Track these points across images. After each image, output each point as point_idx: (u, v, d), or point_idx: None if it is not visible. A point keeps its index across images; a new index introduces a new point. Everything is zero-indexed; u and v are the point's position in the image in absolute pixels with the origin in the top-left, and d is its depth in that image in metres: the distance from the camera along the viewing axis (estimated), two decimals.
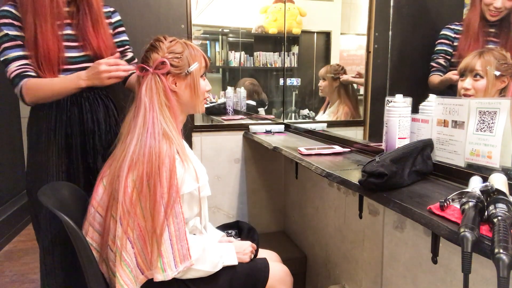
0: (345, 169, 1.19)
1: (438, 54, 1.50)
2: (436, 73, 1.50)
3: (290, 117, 2.45)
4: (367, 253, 1.36)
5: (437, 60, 1.49)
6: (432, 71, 1.51)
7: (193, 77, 1.12)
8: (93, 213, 1.07)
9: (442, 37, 1.50)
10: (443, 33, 1.50)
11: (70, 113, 1.34)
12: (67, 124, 1.34)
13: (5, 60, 1.26)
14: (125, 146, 1.04)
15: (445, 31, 1.49)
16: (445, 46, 1.48)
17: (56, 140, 1.33)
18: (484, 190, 0.73)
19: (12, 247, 2.62)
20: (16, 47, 1.26)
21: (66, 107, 1.33)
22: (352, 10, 2.35)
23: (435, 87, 1.49)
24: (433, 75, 1.50)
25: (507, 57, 1.20)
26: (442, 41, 1.49)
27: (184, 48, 1.12)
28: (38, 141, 1.33)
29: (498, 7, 1.29)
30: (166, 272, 0.97)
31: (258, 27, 2.72)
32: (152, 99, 1.06)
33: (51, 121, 1.33)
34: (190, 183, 1.06)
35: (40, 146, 1.33)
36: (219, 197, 2.15)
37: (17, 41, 1.26)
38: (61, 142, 1.33)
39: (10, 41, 1.25)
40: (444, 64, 1.48)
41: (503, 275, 0.53)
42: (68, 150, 1.35)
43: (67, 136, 1.34)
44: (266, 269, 1.16)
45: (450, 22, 1.49)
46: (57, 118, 1.33)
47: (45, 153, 1.32)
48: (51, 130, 1.33)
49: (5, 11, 1.25)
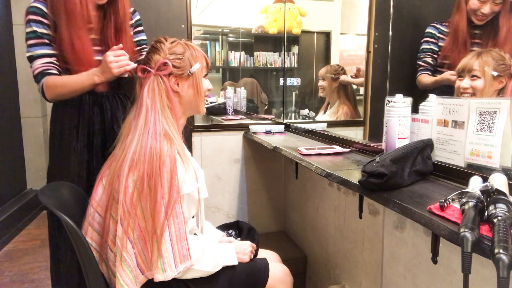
0: (345, 169, 1.19)
1: (425, 53, 1.49)
2: (424, 72, 1.50)
3: (290, 117, 2.45)
4: (367, 253, 1.36)
5: (425, 59, 1.49)
6: (420, 70, 1.50)
7: (196, 77, 1.13)
8: (92, 213, 1.07)
9: (428, 35, 1.49)
10: (429, 31, 1.49)
11: (92, 112, 1.38)
12: (89, 123, 1.38)
13: (30, 56, 1.29)
14: (125, 146, 1.04)
15: (430, 29, 1.49)
16: (432, 45, 1.48)
17: (79, 137, 1.37)
18: (484, 190, 0.73)
19: (12, 247, 2.62)
20: (41, 44, 1.28)
21: (88, 106, 1.37)
22: (352, 10, 2.35)
23: (426, 86, 1.48)
24: (422, 75, 1.50)
25: (505, 58, 1.21)
26: (428, 39, 1.49)
27: (185, 49, 1.12)
28: (61, 138, 1.37)
29: (486, 13, 1.31)
30: (166, 272, 0.97)
31: (258, 27, 2.72)
32: (154, 100, 1.07)
33: (74, 119, 1.37)
34: (190, 183, 1.06)
35: (64, 143, 1.36)
36: (219, 197, 2.15)
37: (43, 39, 1.28)
38: (83, 139, 1.37)
39: (36, 38, 1.28)
40: (432, 63, 1.48)
41: (503, 275, 0.53)
42: (89, 147, 1.38)
43: (89, 134, 1.38)
44: (266, 269, 1.16)
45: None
46: (80, 116, 1.37)
47: (68, 150, 1.36)
48: (74, 127, 1.37)
49: (35, 7, 1.27)
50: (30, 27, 1.27)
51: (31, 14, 1.27)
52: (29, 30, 1.27)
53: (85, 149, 1.37)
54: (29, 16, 1.27)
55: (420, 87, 1.50)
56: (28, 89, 3.36)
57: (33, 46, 1.28)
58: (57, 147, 1.38)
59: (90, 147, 1.38)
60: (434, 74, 1.48)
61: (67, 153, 1.36)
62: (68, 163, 1.36)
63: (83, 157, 1.37)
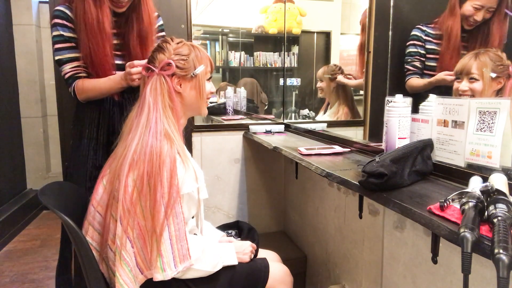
0: (345, 169, 1.19)
1: (413, 57, 1.48)
2: (413, 76, 1.49)
3: (290, 117, 2.45)
4: (367, 253, 1.36)
5: (413, 63, 1.48)
6: (409, 75, 1.49)
7: (199, 79, 1.13)
8: (93, 212, 1.08)
9: (414, 38, 1.48)
10: (415, 34, 1.48)
11: (112, 112, 1.42)
12: (109, 124, 1.41)
13: (59, 60, 1.33)
14: (126, 145, 1.04)
15: (416, 32, 1.48)
16: (419, 48, 1.47)
17: (98, 136, 1.41)
18: (484, 190, 0.73)
19: (12, 247, 2.62)
20: (69, 48, 1.32)
21: (109, 107, 1.41)
22: (352, 10, 2.35)
23: (417, 90, 1.47)
24: (412, 78, 1.49)
25: (503, 58, 1.21)
26: (415, 42, 1.48)
27: (190, 50, 1.12)
28: (81, 137, 1.41)
29: (478, 20, 1.32)
30: (166, 272, 0.97)
31: (258, 27, 2.72)
32: (156, 99, 1.07)
33: (94, 119, 1.40)
34: (190, 183, 1.06)
35: (83, 141, 1.40)
36: (219, 197, 2.15)
37: (71, 42, 1.31)
38: (102, 139, 1.41)
39: (64, 42, 1.31)
40: (420, 67, 1.48)
41: (503, 275, 0.53)
42: (108, 146, 1.41)
43: (109, 134, 1.41)
44: (266, 269, 1.16)
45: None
46: (101, 117, 1.41)
47: (87, 149, 1.40)
48: (94, 127, 1.41)
49: (60, 11, 1.30)
50: (56, 30, 1.30)
51: (56, 18, 1.30)
52: (56, 34, 1.30)
53: (104, 149, 1.41)
54: (55, 20, 1.30)
55: (411, 91, 1.49)
56: (28, 89, 3.37)
57: (61, 50, 1.31)
58: (76, 146, 1.41)
59: (110, 146, 1.39)
60: (422, 77, 1.48)
61: (85, 153, 1.39)
62: (86, 162, 1.39)
63: (101, 157, 1.40)
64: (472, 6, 1.31)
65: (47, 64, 3.51)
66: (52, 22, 1.31)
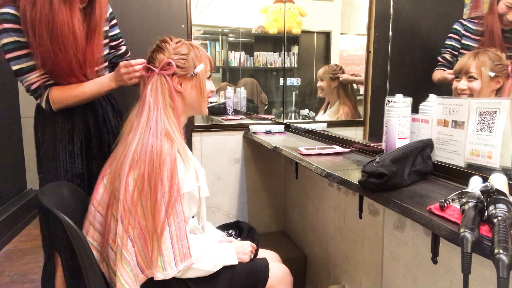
0: (345, 169, 1.19)
1: (446, 49, 1.48)
2: (441, 68, 1.49)
3: (290, 117, 2.45)
4: (367, 253, 1.36)
5: (444, 55, 1.48)
6: (438, 65, 1.49)
7: (199, 78, 1.13)
8: (93, 212, 1.08)
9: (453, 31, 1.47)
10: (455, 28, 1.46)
11: (86, 114, 1.35)
12: (84, 126, 1.35)
13: (20, 70, 1.18)
14: (126, 145, 1.04)
15: (456, 26, 1.46)
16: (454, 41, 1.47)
17: (75, 143, 1.33)
18: (484, 190, 0.73)
19: (12, 247, 2.62)
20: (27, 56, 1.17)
21: (81, 108, 1.33)
22: (352, 10, 2.35)
23: (435, 82, 1.48)
24: (437, 70, 1.49)
25: (502, 58, 1.21)
26: (452, 35, 1.46)
27: (189, 50, 1.12)
28: (55, 144, 1.32)
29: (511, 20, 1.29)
30: (167, 271, 0.97)
31: (258, 27, 2.72)
32: (157, 99, 1.07)
33: (68, 122, 1.32)
34: (190, 182, 1.06)
35: (58, 150, 1.32)
36: (219, 197, 2.15)
37: (26, 49, 1.16)
38: (78, 143, 1.34)
39: (21, 49, 1.15)
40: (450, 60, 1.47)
41: (503, 275, 0.53)
42: (87, 150, 1.36)
43: (85, 136, 1.35)
44: (266, 269, 1.17)
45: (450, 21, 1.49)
46: (74, 119, 1.33)
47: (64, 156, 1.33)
48: (68, 132, 1.32)
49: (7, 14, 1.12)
50: (10, 36, 1.12)
51: (5, 22, 1.11)
52: (9, 41, 1.13)
53: (82, 153, 1.35)
54: (4, 24, 1.11)
55: (433, 82, 1.49)
56: None
57: (20, 58, 1.16)
58: (51, 155, 1.33)
59: (88, 150, 1.36)
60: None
61: (63, 161, 1.32)
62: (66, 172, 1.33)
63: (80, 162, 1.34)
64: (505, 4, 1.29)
65: None
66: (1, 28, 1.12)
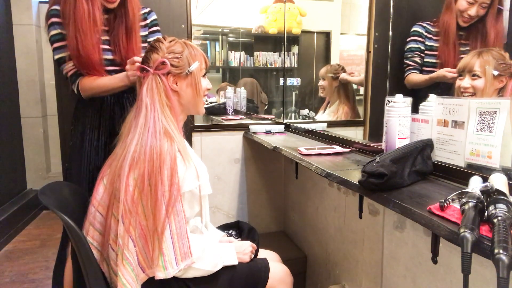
0: (345, 169, 1.19)
1: (413, 52, 1.50)
2: (413, 71, 1.51)
3: (290, 117, 2.45)
4: (367, 253, 1.36)
5: (413, 58, 1.50)
6: (408, 70, 1.52)
7: (194, 76, 1.13)
8: (93, 212, 1.08)
9: (415, 34, 1.50)
10: (416, 30, 1.50)
11: (113, 113, 1.42)
12: (110, 124, 1.42)
13: (60, 58, 1.35)
14: (126, 145, 1.04)
15: (417, 28, 1.50)
16: (419, 44, 1.49)
17: (100, 138, 1.41)
18: (484, 190, 0.73)
19: (12, 247, 2.62)
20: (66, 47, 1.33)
21: (110, 108, 1.42)
22: (352, 10, 2.35)
23: (417, 85, 1.49)
24: (412, 74, 1.51)
25: (506, 57, 1.21)
26: (416, 38, 1.50)
27: (183, 48, 1.12)
28: (82, 138, 1.41)
29: (472, 15, 1.33)
30: (167, 270, 0.97)
31: (258, 27, 2.72)
32: (153, 99, 1.07)
33: (95, 120, 1.41)
34: (191, 181, 1.06)
35: (84, 143, 1.40)
36: (219, 197, 2.15)
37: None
38: (104, 140, 1.42)
39: (63, 40, 1.32)
40: (420, 62, 1.50)
41: (503, 275, 0.53)
42: (110, 148, 1.39)
43: (110, 135, 1.41)
44: (266, 269, 1.17)
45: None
46: (101, 117, 1.42)
47: (89, 150, 1.40)
48: (95, 128, 1.41)
49: (56, 10, 1.32)
50: (55, 29, 1.31)
51: (53, 17, 1.31)
52: (55, 33, 1.32)
53: (105, 149, 1.41)
54: (52, 19, 1.32)
55: (410, 86, 1.51)
56: (28, 89, 3.37)
57: (61, 48, 1.33)
58: (77, 147, 1.41)
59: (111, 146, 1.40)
60: (422, 73, 1.50)
61: (88, 153, 1.40)
62: (89, 163, 1.40)
63: (103, 158, 1.40)
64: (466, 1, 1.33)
65: (47, 64, 3.51)
66: (50, 22, 1.32)
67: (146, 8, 1.52)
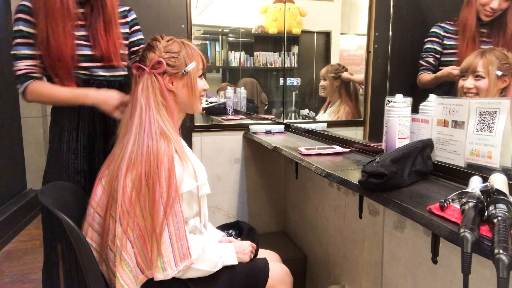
0: (345, 169, 1.19)
1: (428, 53, 1.49)
2: (425, 71, 1.50)
3: (290, 117, 2.45)
4: (367, 253, 1.36)
5: (427, 58, 1.49)
6: (421, 70, 1.50)
7: (191, 77, 1.12)
8: (92, 213, 1.07)
9: (432, 35, 1.49)
10: (433, 31, 1.48)
11: (93, 112, 1.36)
12: (90, 124, 1.36)
13: (14, 55, 1.29)
14: (123, 146, 1.04)
15: (435, 29, 1.48)
16: (435, 45, 1.48)
17: (79, 140, 1.35)
18: (484, 190, 0.73)
19: (12, 247, 2.62)
20: (27, 45, 1.27)
21: (89, 108, 1.34)
22: (352, 10, 2.35)
23: (425, 84, 1.48)
24: (423, 74, 1.50)
25: (509, 57, 1.21)
26: (432, 39, 1.48)
27: (181, 48, 1.12)
28: (60, 140, 1.35)
29: (494, 8, 1.29)
30: (166, 271, 0.97)
31: (258, 27, 2.72)
32: (148, 98, 1.06)
33: (73, 120, 1.35)
34: (189, 181, 1.06)
35: (62, 145, 1.34)
36: (219, 197, 2.15)
37: (29, 39, 1.27)
38: (83, 142, 1.35)
39: (23, 38, 1.27)
40: (434, 63, 1.48)
41: (503, 275, 0.53)
42: (90, 149, 1.36)
43: (89, 134, 1.36)
44: (266, 269, 1.16)
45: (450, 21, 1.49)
46: (80, 117, 1.35)
47: (67, 152, 1.34)
48: (73, 129, 1.35)
49: (24, 5, 1.26)
50: (17, 25, 1.26)
51: (19, 13, 1.26)
52: (16, 29, 1.26)
53: (86, 151, 1.35)
54: (18, 14, 1.26)
55: (420, 86, 1.50)
56: None
57: (18, 45, 1.27)
58: (55, 149, 1.35)
59: (91, 149, 1.36)
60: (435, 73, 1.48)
61: (65, 156, 1.33)
62: (67, 166, 1.33)
63: (84, 160, 1.35)
64: None
65: None
66: (15, 17, 1.26)
67: (125, 6, 1.45)
